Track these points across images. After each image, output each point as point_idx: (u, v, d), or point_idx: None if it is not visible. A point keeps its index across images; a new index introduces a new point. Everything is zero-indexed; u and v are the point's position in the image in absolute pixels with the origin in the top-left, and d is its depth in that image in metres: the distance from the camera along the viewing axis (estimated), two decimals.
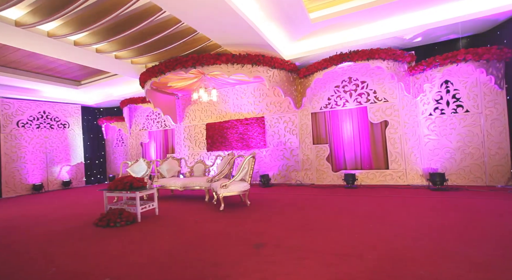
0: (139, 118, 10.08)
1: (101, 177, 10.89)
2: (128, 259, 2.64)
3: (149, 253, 2.76)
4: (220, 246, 2.84)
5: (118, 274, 2.32)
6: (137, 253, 2.79)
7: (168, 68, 5.64)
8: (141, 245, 3.04)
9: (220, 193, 4.45)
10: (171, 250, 2.82)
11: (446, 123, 5.57)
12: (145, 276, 2.24)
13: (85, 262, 2.63)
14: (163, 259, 2.58)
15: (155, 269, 2.37)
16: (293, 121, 7.25)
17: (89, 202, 6.23)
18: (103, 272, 2.39)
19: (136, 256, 2.71)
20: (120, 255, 2.78)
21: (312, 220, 3.64)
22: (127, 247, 2.99)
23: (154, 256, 2.67)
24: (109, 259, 2.67)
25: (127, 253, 2.82)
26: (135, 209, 4.16)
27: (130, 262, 2.58)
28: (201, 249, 2.80)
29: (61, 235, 3.64)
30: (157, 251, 2.81)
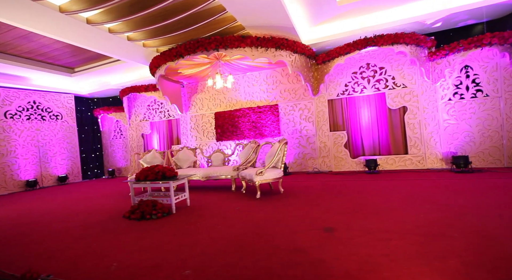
0: (140, 108, 9.55)
1: (98, 172, 10.29)
2: (194, 250, 2.43)
3: (212, 243, 2.56)
4: (287, 232, 2.70)
5: (194, 265, 2.12)
6: (201, 243, 2.58)
7: (188, 51, 5.27)
8: (197, 236, 2.82)
9: (256, 181, 4.27)
10: (234, 238, 2.64)
11: (465, 108, 5.70)
12: (228, 266, 2.06)
13: (146, 256, 2.40)
14: (233, 248, 2.40)
15: (232, 258, 2.19)
16: (309, 108, 7.14)
17: (99, 196, 5.82)
18: (174, 264, 2.18)
19: (201, 247, 2.50)
20: (181, 246, 2.56)
21: (360, 204, 3.58)
22: (182, 239, 2.77)
23: (221, 246, 2.48)
24: (171, 251, 2.45)
25: (188, 244, 2.60)
26: (168, 200, 3.90)
27: (197, 252, 2.37)
28: (267, 236, 2.65)
29: (91, 229, 3.33)
30: (220, 241, 2.61)
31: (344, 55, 5.98)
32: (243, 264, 2.08)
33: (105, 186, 7.54)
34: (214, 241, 2.62)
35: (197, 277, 1.94)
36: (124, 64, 7.83)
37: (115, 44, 5.76)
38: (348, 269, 1.86)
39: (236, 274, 1.94)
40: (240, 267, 2.04)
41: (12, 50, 7.02)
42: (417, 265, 1.85)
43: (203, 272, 2.01)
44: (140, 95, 9.35)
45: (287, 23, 5.13)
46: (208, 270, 2.03)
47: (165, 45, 5.97)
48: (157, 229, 3.18)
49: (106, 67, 8.08)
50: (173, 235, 2.91)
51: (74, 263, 2.36)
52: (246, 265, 2.06)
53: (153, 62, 6.03)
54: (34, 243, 3.01)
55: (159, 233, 3.03)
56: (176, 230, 3.10)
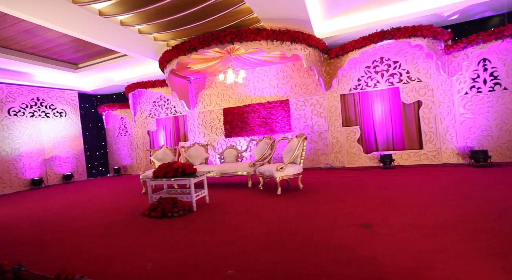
0: (145, 104, 9.38)
1: (103, 170, 10.13)
2: (229, 249, 2.33)
3: (247, 241, 2.46)
4: (323, 228, 2.60)
5: (235, 265, 2.01)
6: (235, 242, 2.48)
7: (202, 44, 5.12)
8: (228, 234, 2.72)
9: (277, 176, 4.17)
10: (269, 235, 2.54)
11: (483, 101, 5.62)
12: (273, 265, 1.96)
13: (179, 255, 2.29)
14: (272, 246, 2.30)
15: (275, 256, 2.08)
16: (321, 103, 7.03)
17: (110, 194, 5.69)
18: (212, 263, 2.07)
19: (237, 245, 2.40)
20: (214, 244, 2.45)
21: (387, 199, 3.49)
22: (213, 237, 2.66)
23: (258, 243, 2.38)
24: (205, 250, 2.34)
25: (220, 242, 2.50)
26: (188, 198, 3.79)
27: (234, 251, 2.27)
28: (303, 232, 2.55)
29: (112, 228, 3.21)
30: (254, 238, 2.51)
31: (359, 48, 5.87)
32: (289, 262, 1.98)
33: (112, 184, 7.40)
34: (249, 239, 2.52)
35: (243, 277, 1.84)
36: (130, 60, 7.66)
37: (126, 38, 5.59)
38: (405, 266, 1.76)
39: (284, 273, 1.84)
40: (286, 265, 1.94)
41: (15, 45, 6.82)
42: (476, 262, 1.75)
43: (248, 271, 1.91)
44: (145, 91, 9.18)
45: (303, 16, 4.99)
46: (253, 270, 1.93)
47: (176, 39, 5.81)
48: (183, 227, 3.07)
49: (111, 62, 7.90)
50: (202, 233, 2.80)
51: (104, 263, 2.24)
52: (293, 263, 1.96)
53: (164, 56, 5.86)
54: (55, 243, 2.89)
55: (186, 231, 2.92)
56: (203, 228, 2.99)
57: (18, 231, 3.46)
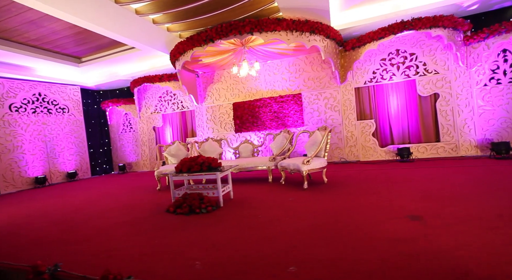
0: (150, 99, 9.13)
1: (107, 167, 9.87)
2: (275, 245, 2.19)
3: (292, 236, 2.33)
4: (369, 222, 2.48)
5: (292, 261, 1.88)
6: (278, 237, 2.34)
7: (220, 35, 4.92)
8: (267, 229, 2.58)
9: (304, 170, 4.04)
10: (314, 230, 2.41)
11: (502, 93, 5.56)
12: (334, 260, 1.83)
13: (224, 252, 2.15)
14: (322, 240, 2.17)
15: (331, 251, 1.95)
16: (334, 97, 6.90)
17: (122, 191, 5.50)
18: (266, 260, 1.93)
19: (282, 241, 2.26)
20: (256, 241, 2.31)
21: (423, 191, 3.40)
22: (252, 232, 2.52)
23: (305, 238, 2.25)
24: (250, 247, 2.20)
25: (262, 238, 2.36)
26: (214, 193, 3.63)
27: (282, 247, 2.13)
28: (349, 226, 2.43)
29: (139, 226, 3.05)
30: (298, 233, 2.38)
31: (377, 40, 5.74)
32: (349, 257, 1.86)
33: (120, 182, 7.19)
34: (291, 234, 2.38)
35: (307, 274, 1.70)
36: (136, 53, 7.41)
37: (138, 28, 5.35)
38: (488, 260, 1.65)
39: (349, 268, 1.71)
40: (348, 261, 1.81)
41: (17, 37, 6.51)
42: None
43: (308, 268, 1.77)
44: (151, 86, 8.93)
45: (323, 5, 4.84)
46: (314, 265, 1.79)
47: (189, 30, 5.59)
48: (215, 223, 2.93)
49: (116, 56, 7.65)
50: (238, 229, 2.66)
51: (146, 263, 2.09)
52: (354, 258, 1.83)
53: (177, 47, 5.64)
54: (82, 242, 2.71)
55: (221, 227, 2.77)
56: (238, 223, 2.85)
57: (37, 231, 3.27)
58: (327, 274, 1.68)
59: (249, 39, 5.67)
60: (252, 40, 5.74)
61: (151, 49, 6.66)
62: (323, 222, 2.62)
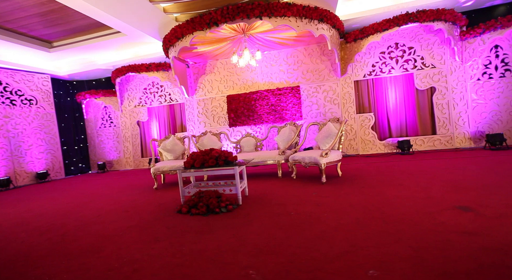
0: (134, 91, 8.36)
1: (83, 166, 8.91)
2: (332, 244, 1.93)
3: (344, 234, 2.08)
4: (418, 214, 2.32)
5: (364, 264, 1.63)
6: (329, 236, 2.08)
7: (225, 18, 4.50)
8: (310, 227, 2.31)
9: (322, 163, 3.82)
10: (364, 226, 2.19)
11: (494, 87, 5.83)
12: (417, 259, 1.61)
13: (279, 258, 1.84)
14: (384, 238, 1.95)
15: (402, 249, 1.74)
16: (334, 90, 6.80)
17: (112, 193, 4.89)
18: (335, 265, 1.67)
19: (337, 239, 2.01)
20: (307, 241, 2.03)
21: (448, 181, 3.35)
22: (293, 232, 2.24)
23: (359, 234, 2.01)
24: (302, 248, 1.92)
25: (313, 238, 2.09)
26: (232, 190, 3.28)
27: (343, 247, 1.88)
28: (402, 220, 2.24)
29: (152, 230, 2.62)
30: (348, 231, 2.14)
31: (381, 31, 5.70)
32: (431, 256, 1.64)
33: (103, 182, 6.46)
34: (341, 231, 2.14)
35: (392, 278, 1.46)
36: (119, 39, 6.68)
37: (127, 8, 4.73)
38: None
39: (442, 269, 1.50)
40: (433, 260, 1.60)
41: None
42: None
43: (390, 270, 1.53)
44: (135, 76, 8.17)
45: None
46: (393, 267, 1.56)
47: (188, 12, 5.06)
48: (245, 223, 2.59)
49: (94, 42, 6.85)
50: (276, 229, 2.35)
51: (187, 276, 1.70)
52: (438, 255, 1.63)
53: (175, 31, 5.09)
54: (89, 254, 2.23)
55: (254, 227, 2.45)
56: (272, 222, 2.54)
57: (16, 243, 2.67)
58: (420, 277, 1.44)
59: (251, 26, 5.31)
60: (254, 27, 5.38)
61: (140, 34, 6.02)
62: (369, 216, 2.41)
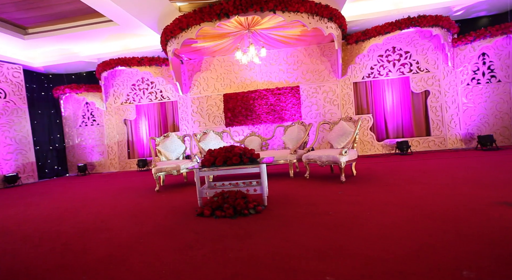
0: (121, 87, 7.74)
1: (59, 168, 8.03)
2: (400, 245, 1.80)
3: (406, 235, 1.97)
4: (473, 210, 2.28)
5: (448, 264, 1.51)
6: (388, 237, 1.95)
7: (238, 10, 4.26)
8: (358, 228, 2.17)
9: (342, 161, 3.73)
10: (418, 224, 2.09)
11: (481, 92, 6.22)
12: (504, 258, 1.53)
13: (348, 260, 1.67)
14: (448, 237, 1.86)
15: (484, 248, 1.66)
16: (333, 90, 6.83)
17: (106, 196, 4.39)
18: (421, 268, 1.53)
19: (403, 241, 1.88)
20: (370, 243, 1.89)
21: (465, 178, 3.43)
22: (346, 234, 2.09)
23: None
24: (375, 249, 1.77)
25: (375, 238, 1.94)
26: (256, 190, 3.04)
27: (414, 246, 1.76)
28: (452, 217, 2.18)
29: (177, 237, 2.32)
30: (407, 230, 2.03)
31: (383, 34, 5.84)
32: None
33: (88, 185, 5.82)
34: (397, 230, 2.02)
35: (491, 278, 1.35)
36: (108, 29, 6.15)
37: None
38: None
39: None
40: None
41: None
42: None
43: (486, 271, 1.43)
44: (122, 71, 7.58)
45: None
46: (489, 267, 1.46)
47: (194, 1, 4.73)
48: (285, 225, 2.37)
49: (78, 30, 6.25)
50: (325, 230, 2.18)
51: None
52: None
53: (179, 21, 4.72)
54: (115, 265, 1.87)
55: (300, 229, 2.24)
56: (316, 223, 2.35)
57: (11, 256, 2.21)
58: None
59: (257, 21, 5.14)
60: (259, 23, 5.22)
61: (136, 24, 5.58)
62: (412, 214, 2.32)
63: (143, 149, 7.82)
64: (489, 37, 5.74)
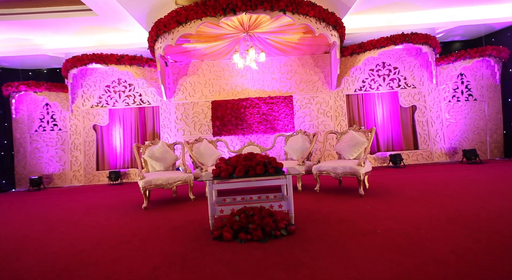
0: (92, 88, 6.77)
1: (4, 182, 6.57)
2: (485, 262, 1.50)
3: (477, 252, 1.68)
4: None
5: None
6: (471, 256, 1.64)
7: (246, 6, 3.89)
8: (422, 250, 1.84)
9: (361, 173, 3.46)
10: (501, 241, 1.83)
11: (461, 109, 6.63)
12: None
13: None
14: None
15: None
16: (327, 102, 6.75)
17: (77, 216, 3.53)
18: None
19: (472, 256, 1.58)
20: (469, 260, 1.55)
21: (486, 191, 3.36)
22: (425, 257, 1.74)
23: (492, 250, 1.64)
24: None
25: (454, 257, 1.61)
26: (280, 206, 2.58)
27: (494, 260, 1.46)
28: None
29: (199, 271, 1.76)
30: (490, 251, 1.75)
31: (379, 48, 5.96)
32: None
33: (48, 202, 4.74)
34: (479, 247, 1.72)
35: None
36: (82, 20, 5.39)
37: None
38: None
39: None
40: None
41: None
42: None
43: None
44: (96, 70, 6.67)
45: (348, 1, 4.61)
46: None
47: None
48: (333, 248, 1.96)
49: (44, 18, 5.35)
50: (391, 253, 1.80)
51: None
52: None
53: (177, 14, 4.17)
54: None
55: (354, 253, 1.84)
56: (369, 245, 1.97)
57: None
58: None
59: (258, 23, 4.86)
60: (260, 25, 4.94)
61: (120, 16, 4.92)
62: (475, 229, 2.06)
63: (115, 159, 6.82)
64: (469, 58, 6.19)
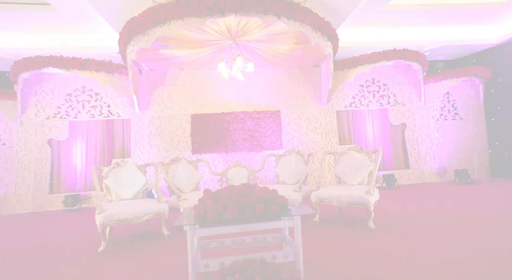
0: (50, 96, 5.78)
1: None
2: None
3: None
4: None
5: None
6: None
7: (237, 7, 3.33)
8: None
9: (372, 203, 2.95)
10: None
11: (449, 128, 6.55)
12: None
13: None
14: None
15: None
16: (316, 118, 6.35)
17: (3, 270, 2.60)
18: None
19: None
20: None
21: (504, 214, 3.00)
22: None
23: None
24: None
25: None
26: (283, 257, 1.95)
27: None
28: None
29: None
30: None
31: (371, 63, 5.73)
32: None
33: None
34: None
35: None
36: (38, 15, 4.62)
37: None
38: None
39: None
40: None
41: None
42: None
43: None
44: (54, 76, 5.72)
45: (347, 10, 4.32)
46: None
47: None
48: None
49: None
50: None
51: None
52: None
53: (154, 12, 3.50)
54: None
55: None
56: None
57: None
58: None
59: (247, 30, 4.36)
60: (248, 32, 4.45)
61: (84, 13, 4.19)
62: None
63: (75, 181, 5.77)
64: (456, 77, 6.19)
